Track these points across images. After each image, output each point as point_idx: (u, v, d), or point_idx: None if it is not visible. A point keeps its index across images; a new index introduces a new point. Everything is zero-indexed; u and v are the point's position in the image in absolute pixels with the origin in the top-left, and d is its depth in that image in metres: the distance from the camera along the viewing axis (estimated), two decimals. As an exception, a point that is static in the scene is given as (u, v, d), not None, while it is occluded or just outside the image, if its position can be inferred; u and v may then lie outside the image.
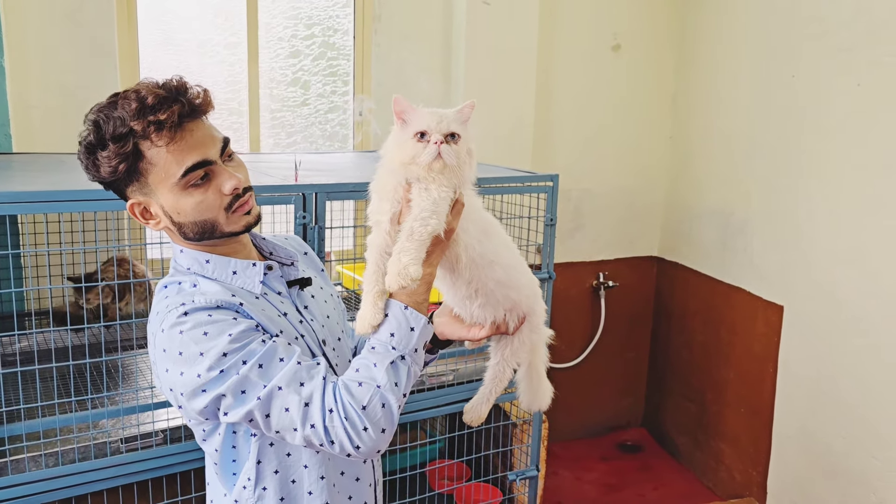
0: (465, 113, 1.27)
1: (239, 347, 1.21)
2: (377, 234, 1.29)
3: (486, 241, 1.35)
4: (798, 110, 3.21)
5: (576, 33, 3.82)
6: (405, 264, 1.21)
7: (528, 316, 1.46)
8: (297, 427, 1.20)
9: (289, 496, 1.37)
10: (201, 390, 1.21)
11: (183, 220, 1.29)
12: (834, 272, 3.05)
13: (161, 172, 1.25)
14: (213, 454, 1.38)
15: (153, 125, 1.21)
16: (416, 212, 1.23)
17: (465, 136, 1.26)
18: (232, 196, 1.29)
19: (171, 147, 1.23)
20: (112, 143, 1.23)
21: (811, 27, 3.12)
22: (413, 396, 2.41)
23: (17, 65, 2.71)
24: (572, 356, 4.17)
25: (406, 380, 1.24)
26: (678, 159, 4.09)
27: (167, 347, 1.23)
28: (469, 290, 1.37)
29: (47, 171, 2.33)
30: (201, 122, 1.29)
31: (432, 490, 2.86)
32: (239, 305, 1.28)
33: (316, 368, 1.23)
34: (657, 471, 4.06)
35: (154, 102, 1.22)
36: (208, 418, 1.27)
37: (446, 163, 1.22)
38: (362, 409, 1.19)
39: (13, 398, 1.95)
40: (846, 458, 3.02)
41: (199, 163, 1.25)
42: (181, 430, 2.04)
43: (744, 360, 3.60)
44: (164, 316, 1.26)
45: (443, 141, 1.22)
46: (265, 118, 3.35)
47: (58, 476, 1.89)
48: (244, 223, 1.32)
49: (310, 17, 3.38)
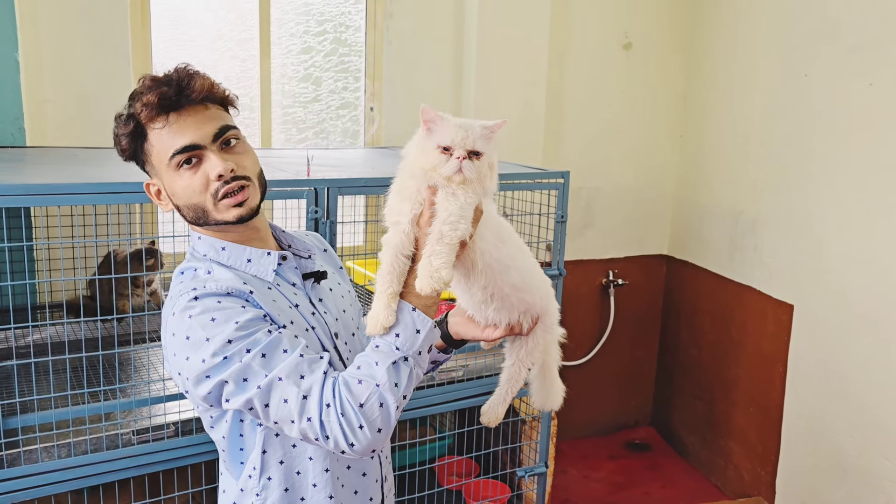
0: (493, 129, 1.26)
1: (244, 335, 1.22)
2: (394, 234, 1.27)
3: (501, 246, 1.35)
4: (810, 109, 3.20)
5: (587, 31, 3.81)
6: (437, 267, 1.20)
7: (541, 316, 1.46)
8: (295, 419, 1.20)
9: (293, 487, 1.38)
10: (205, 376, 1.23)
11: (179, 203, 1.34)
12: (845, 271, 3.04)
13: (159, 153, 1.31)
14: (221, 441, 1.39)
15: (146, 107, 1.28)
16: (445, 215, 1.23)
17: (489, 152, 1.26)
18: (219, 182, 1.30)
19: (165, 130, 1.29)
20: (121, 123, 1.32)
21: (823, 26, 3.11)
22: (422, 392, 2.42)
23: (30, 59, 2.73)
24: (581, 354, 4.17)
25: (407, 381, 1.23)
26: (688, 158, 4.08)
27: (176, 331, 1.26)
28: (485, 295, 1.37)
29: (60, 165, 2.35)
30: (204, 108, 1.32)
31: (441, 486, 2.86)
32: (249, 294, 1.29)
33: (318, 362, 1.24)
34: (665, 469, 4.05)
35: (149, 86, 1.29)
36: (213, 405, 1.28)
37: (466, 177, 1.23)
38: (359, 406, 1.19)
39: (27, 390, 1.97)
40: (856, 457, 3.01)
41: (186, 146, 1.29)
42: (193, 422, 2.05)
43: (753, 359, 3.59)
44: (176, 300, 1.28)
45: (465, 157, 1.23)
46: (277, 114, 3.35)
47: (70, 467, 1.91)
48: (235, 214, 1.32)
49: (322, 13, 3.39)
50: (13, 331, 1.95)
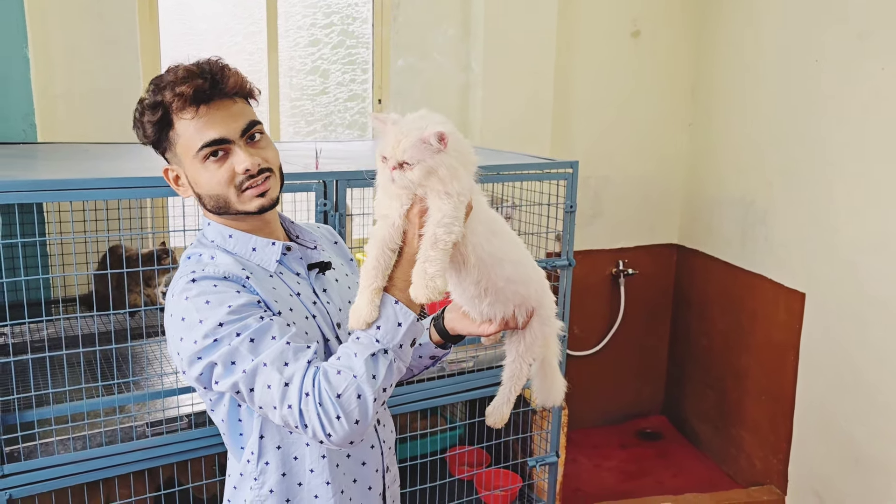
0: (426, 140, 1.19)
1: (236, 319, 1.25)
2: (382, 228, 1.26)
3: (494, 239, 1.34)
4: (821, 95, 3.17)
5: (595, 19, 3.79)
6: (431, 275, 1.20)
7: (536, 309, 1.44)
8: (276, 405, 1.22)
9: (290, 472, 1.40)
10: (197, 357, 1.25)
11: (200, 192, 1.37)
12: (857, 259, 3.02)
13: (185, 143, 1.33)
14: (222, 424, 1.42)
15: (178, 97, 1.30)
16: (439, 217, 1.21)
17: (428, 159, 1.20)
18: (245, 176, 1.33)
19: (194, 121, 1.32)
20: (148, 109, 1.33)
21: (833, 10, 3.08)
22: (433, 383, 2.43)
23: (40, 55, 2.74)
24: (592, 344, 4.17)
25: (386, 374, 1.23)
26: (698, 146, 4.06)
27: (174, 312, 1.29)
28: (478, 290, 1.36)
29: (71, 160, 2.36)
30: (232, 102, 1.35)
31: (452, 476, 2.88)
32: (246, 279, 1.32)
33: (304, 351, 1.25)
34: (676, 458, 4.05)
35: (183, 76, 1.30)
36: (206, 387, 1.30)
37: (399, 185, 1.23)
38: (337, 397, 1.19)
39: (42, 383, 1.99)
40: (868, 446, 3.00)
41: (216, 140, 1.32)
42: (205, 414, 2.07)
43: (764, 348, 3.58)
44: (176, 282, 1.32)
45: (396, 167, 1.22)
46: (285, 107, 3.36)
47: (85, 459, 1.93)
48: (257, 204, 1.36)
49: (329, 5, 3.38)
50: (28, 325, 1.97)
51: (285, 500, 1.40)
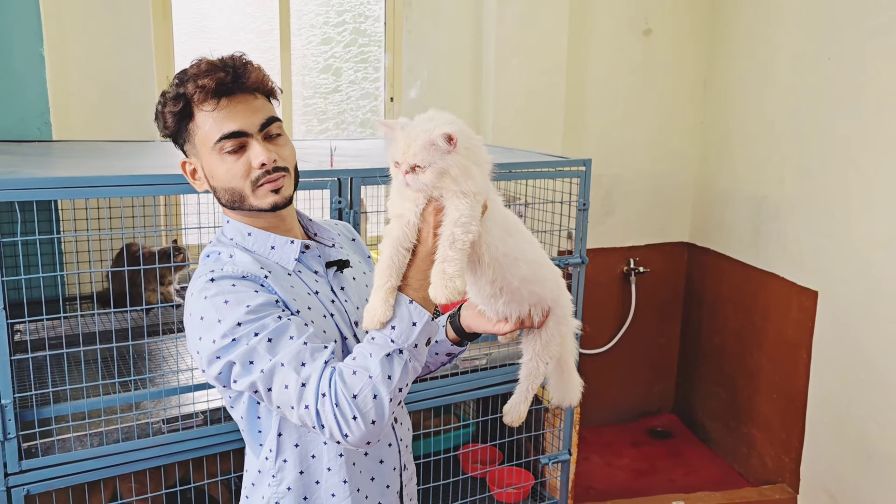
0: (433, 142, 1.19)
1: (254, 319, 1.25)
2: (396, 227, 1.26)
3: (508, 239, 1.33)
4: (834, 93, 3.16)
5: (607, 17, 3.79)
6: (451, 276, 1.20)
7: (552, 308, 1.44)
8: (294, 405, 1.22)
9: (308, 470, 1.40)
10: (216, 356, 1.26)
11: (216, 185, 1.38)
12: (870, 257, 3.01)
13: (204, 135, 1.34)
14: (241, 421, 1.43)
15: (200, 89, 1.31)
16: (456, 216, 1.21)
17: (440, 161, 1.20)
18: (261, 171, 1.34)
19: (214, 113, 1.32)
20: (170, 101, 1.34)
21: (848, 7, 3.07)
22: (445, 381, 2.43)
23: (55, 53, 2.76)
24: (603, 342, 4.17)
25: (401, 374, 1.22)
26: (710, 144, 4.05)
27: (193, 311, 1.30)
28: (493, 289, 1.36)
29: (86, 158, 2.37)
30: (253, 97, 1.36)
31: (465, 473, 2.88)
32: (264, 279, 1.32)
33: (321, 352, 1.25)
34: (688, 457, 4.05)
35: (206, 69, 1.31)
36: (225, 385, 1.31)
37: (414, 189, 1.23)
38: (353, 397, 1.19)
39: (59, 380, 2.00)
40: (881, 444, 2.99)
41: (234, 132, 1.32)
42: (221, 411, 2.08)
43: (776, 346, 3.57)
44: (195, 281, 1.33)
45: (409, 171, 1.22)
46: (297, 105, 3.37)
47: (102, 455, 1.94)
48: (271, 201, 1.36)
49: (341, 3, 3.39)
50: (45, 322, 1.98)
51: (303, 497, 1.41)
